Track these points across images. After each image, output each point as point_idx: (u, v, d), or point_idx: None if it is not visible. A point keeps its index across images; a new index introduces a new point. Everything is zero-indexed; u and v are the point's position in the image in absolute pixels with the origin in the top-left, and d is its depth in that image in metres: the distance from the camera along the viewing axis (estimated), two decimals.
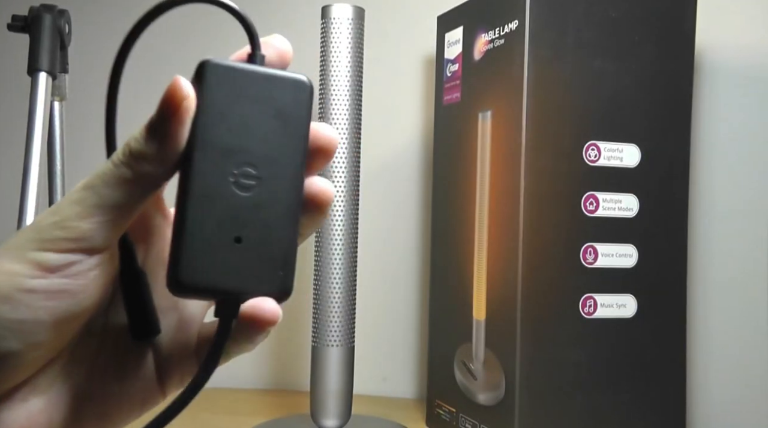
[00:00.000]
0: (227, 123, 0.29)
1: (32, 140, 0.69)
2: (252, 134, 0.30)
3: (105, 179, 0.29)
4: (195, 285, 0.29)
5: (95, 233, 0.29)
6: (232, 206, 0.29)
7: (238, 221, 0.29)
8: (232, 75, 0.30)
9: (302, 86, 0.31)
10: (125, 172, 0.29)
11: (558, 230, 0.68)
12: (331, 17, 0.75)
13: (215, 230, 0.29)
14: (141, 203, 0.30)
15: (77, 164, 1.05)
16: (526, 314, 0.67)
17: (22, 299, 0.28)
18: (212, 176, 0.29)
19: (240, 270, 0.29)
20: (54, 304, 0.29)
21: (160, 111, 0.29)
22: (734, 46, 0.88)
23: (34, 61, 0.70)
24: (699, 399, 0.88)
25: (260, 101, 0.30)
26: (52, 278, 0.28)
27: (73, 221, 0.29)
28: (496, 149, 0.71)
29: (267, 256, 0.30)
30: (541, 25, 0.68)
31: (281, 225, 0.30)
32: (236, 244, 0.29)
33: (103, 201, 0.29)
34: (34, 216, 0.66)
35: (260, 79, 0.30)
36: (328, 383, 0.76)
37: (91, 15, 1.10)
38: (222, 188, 0.29)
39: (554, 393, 0.68)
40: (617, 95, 0.70)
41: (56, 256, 0.28)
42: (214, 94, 0.29)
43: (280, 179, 0.30)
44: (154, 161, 0.29)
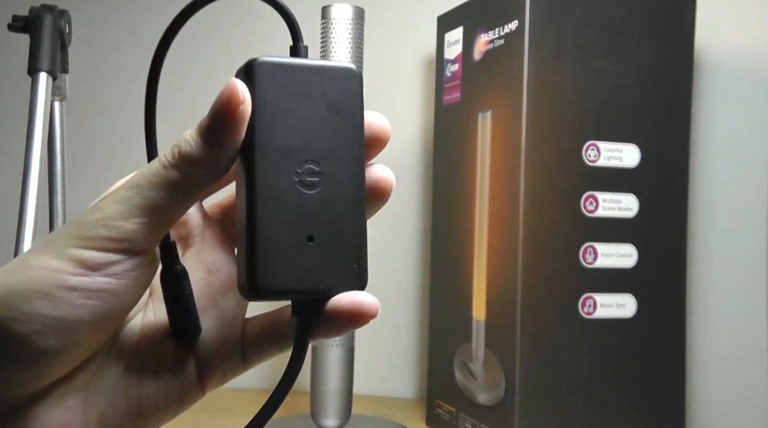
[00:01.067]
0: (283, 121, 0.29)
1: (32, 140, 0.69)
2: (309, 129, 0.29)
3: (152, 180, 0.28)
4: (274, 289, 0.29)
5: (138, 234, 0.28)
6: (300, 205, 0.29)
7: (308, 220, 0.29)
8: (280, 72, 0.29)
9: (352, 75, 0.30)
10: (174, 174, 0.28)
11: (558, 230, 0.68)
12: (331, 17, 0.75)
13: (287, 232, 0.29)
14: (186, 206, 0.30)
15: (77, 164, 1.05)
16: (526, 314, 0.67)
17: (63, 296, 0.28)
18: (276, 177, 0.29)
19: (316, 269, 0.29)
20: (95, 303, 0.28)
21: (214, 115, 0.28)
22: (734, 46, 0.88)
23: (34, 61, 0.70)
24: (699, 399, 0.88)
25: (313, 95, 0.30)
26: (94, 276, 0.28)
27: (116, 221, 0.28)
28: (496, 149, 0.71)
29: (340, 251, 0.30)
30: (541, 25, 0.68)
31: (350, 219, 0.30)
32: (309, 243, 0.29)
33: (148, 202, 0.28)
34: (35, 216, 0.66)
35: (309, 73, 0.30)
36: (328, 383, 0.76)
37: (91, 15, 1.10)
38: (288, 188, 0.29)
39: (554, 393, 0.68)
40: (617, 95, 0.70)
41: (98, 255, 0.28)
42: (267, 92, 0.29)
43: (344, 173, 0.30)
44: (205, 166, 0.28)
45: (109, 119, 1.11)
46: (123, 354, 0.32)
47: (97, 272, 0.28)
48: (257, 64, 0.29)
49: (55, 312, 0.28)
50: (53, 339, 0.28)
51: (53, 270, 0.28)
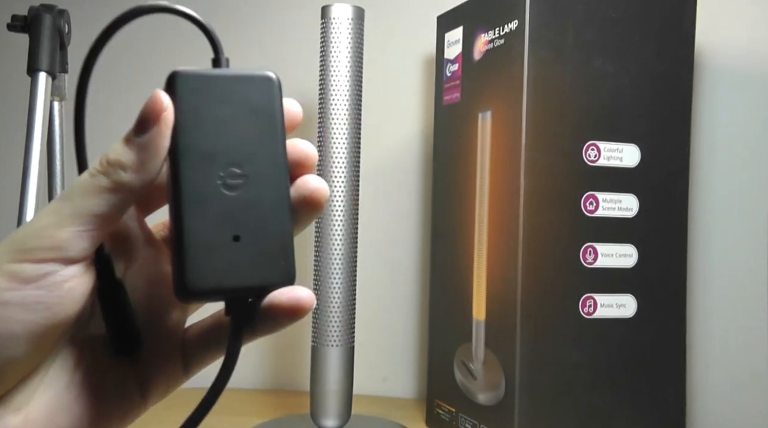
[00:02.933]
0: (205, 128, 0.30)
1: (32, 140, 0.69)
2: (230, 134, 0.31)
3: (81, 188, 0.29)
4: (202, 289, 0.30)
5: (71, 242, 0.29)
6: (224, 206, 0.30)
7: (232, 221, 0.30)
8: (201, 81, 0.31)
9: (270, 81, 0.32)
10: (102, 181, 0.29)
11: (558, 230, 0.68)
12: (331, 17, 0.75)
13: (212, 233, 0.30)
14: (118, 213, 0.30)
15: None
16: (526, 314, 0.67)
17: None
18: (200, 181, 0.30)
19: (243, 267, 0.30)
20: (28, 317, 0.28)
21: (139, 122, 0.30)
22: (734, 46, 0.88)
23: (33, 61, 0.70)
24: (699, 399, 0.88)
25: (232, 102, 0.31)
26: (26, 289, 0.28)
27: (48, 230, 0.28)
28: (496, 149, 0.71)
29: (266, 249, 0.31)
30: (541, 25, 0.68)
31: (275, 217, 0.31)
32: (235, 243, 0.30)
33: (79, 210, 0.29)
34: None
35: (229, 81, 0.31)
36: (328, 383, 0.76)
37: (91, 15, 1.10)
38: (211, 191, 0.30)
39: (554, 393, 0.68)
40: (617, 95, 0.70)
41: (31, 267, 0.28)
42: (188, 101, 0.30)
43: (266, 174, 0.31)
44: (132, 171, 0.29)
45: (109, 119, 1.10)
46: (64, 370, 0.32)
47: (30, 285, 0.28)
48: (177, 76, 0.31)
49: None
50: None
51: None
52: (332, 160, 0.75)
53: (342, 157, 0.75)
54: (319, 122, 0.77)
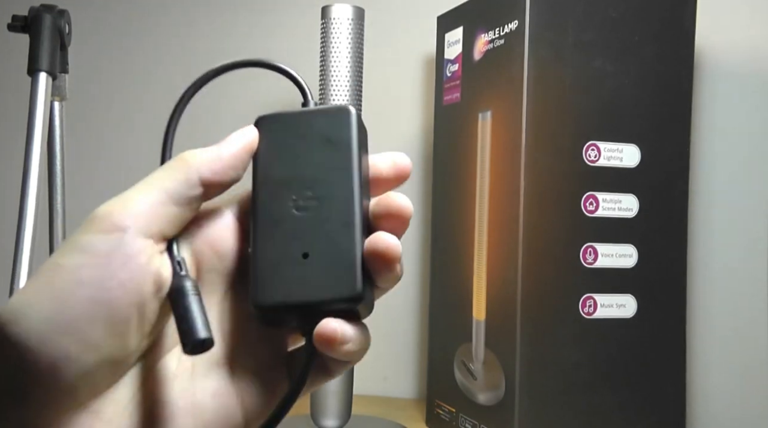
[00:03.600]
0: (282, 159, 0.33)
1: (32, 140, 0.68)
2: (304, 162, 0.33)
3: (155, 172, 0.32)
4: (270, 305, 0.31)
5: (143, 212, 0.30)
6: (295, 227, 0.32)
7: (302, 240, 0.32)
8: (280, 121, 0.34)
9: (345, 111, 0.34)
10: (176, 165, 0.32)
11: (558, 230, 0.68)
12: (331, 17, 0.75)
13: (282, 251, 0.32)
14: (187, 196, 0.31)
15: (77, 164, 1.05)
16: (526, 314, 0.67)
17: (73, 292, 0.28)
18: (274, 204, 0.33)
19: (310, 282, 0.32)
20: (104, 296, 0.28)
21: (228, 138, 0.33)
22: (734, 46, 0.88)
23: (34, 61, 0.70)
24: (699, 399, 0.88)
25: (308, 135, 0.34)
26: (100, 265, 0.29)
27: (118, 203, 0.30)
28: (496, 149, 0.71)
29: (334, 266, 0.32)
30: (541, 25, 0.68)
31: (343, 236, 0.32)
32: (304, 260, 0.32)
33: (148, 187, 0.31)
34: (35, 216, 0.66)
35: (308, 117, 0.34)
36: (328, 383, 0.76)
37: (91, 15, 1.10)
38: (284, 213, 0.33)
39: (554, 393, 0.68)
40: (617, 95, 0.70)
41: (103, 238, 0.29)
42: (268, 138, 0.34)
43: (337, 196, 0.33)
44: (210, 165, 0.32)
45: (109, 119, 1.11)
46: (157, 388, 0.31)
47: (104, 258, 0.28)
48: (259, 119, 0.34)
49: (66, 313, 0.28)
50: (68, 344, 0.27)
51: (62, 266, 0.28)
52: None
53: None
54: None
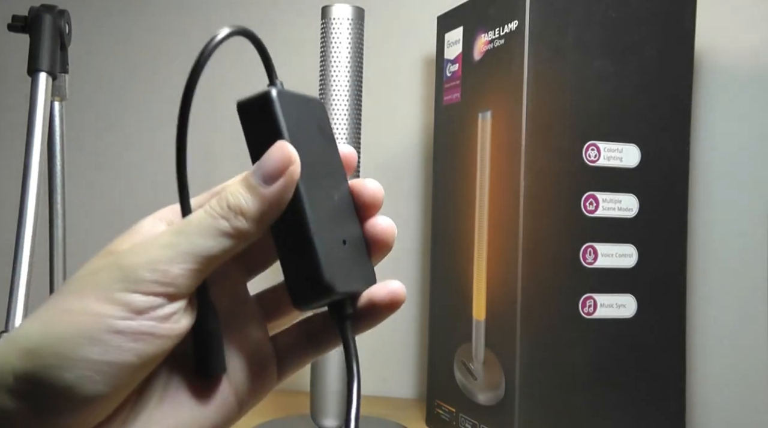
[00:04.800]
0: (303, 143, 0.31)
1: (32, 140, 0.68)
2: (317, 149, 0.33)
3: (200, 228, 0.30)
4: (336, 289, 0.31)
5: (181, 279, 0.29)
6: (332, 214, 0.32)
7: (339, 226, 0.32)
8: (289, 102, 0.32)
9: (322, 105, 0.35)
10: (223, 225, 0.30)
11: (558, 230, 0.68)
12: (331, 17, 0.75)
13: (331, 237, 0.32)
14: (228, 257, 0.30)
15: (77, 164, 1.05)
16: (526, 314, 0.67)
17: (112, 341, 0.28)
18: (313, 190, 0.31)
19: (354, 270, 0.32)
20: (140, 346, 0.29)
21: (267, 172, 0.30)
22: (734, 46, 0.88)
23: (34, 62, 0.70)
24: (699, 399, 0.88)
25: (310, 120, 0.33)
26: (139, 320, 0.29)
27: (162, 264, 0.29)
28: (496, 149, 0.71)
29: (361, 253, 0.33)
30: (541, 25, 0.68)
31: (355, 224, 0.33)
32: (344, 246, 0.32)
33: (195, 249, 0.29)
34: (35, 216, 0.66)
35: (304, 102, 0.33)
36: (328, 383, 0.76)
37: (92, 15, 1.10)
38: (322, 199, 0.32)
39: (554, 393, 0.68)
40: (617, 95, 0.70)
41: (144, 298, 0.29)
42: (288, 120, 0.31)
43: (340, 184, 0.33)
44: (253, 221, 0.30)
45: (108, 119, 1.11)
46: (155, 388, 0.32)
47: (142, 315, 0.29)
48: (275, 93, 0.31)
49: (105, 357, 0.28)
50: (102, 384, 0.29)
51: (102, 315, 0.29)
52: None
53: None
54: None
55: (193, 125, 0.31)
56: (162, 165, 1.08)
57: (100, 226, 1.09)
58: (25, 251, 0.65)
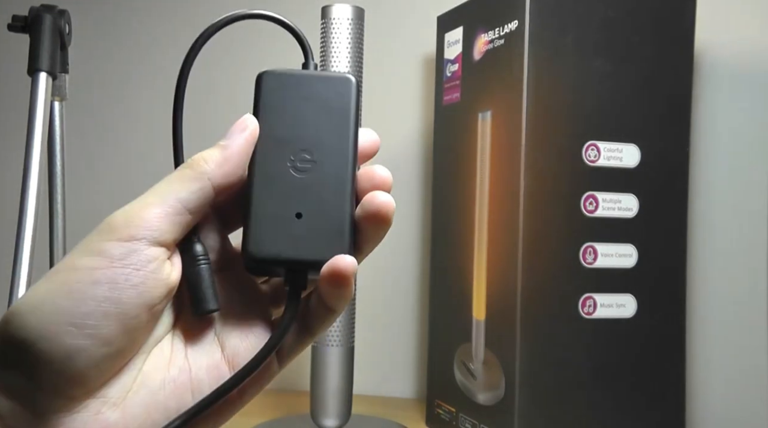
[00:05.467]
0: (283, 118, 0.34)
1: (32, 140, 0.68)
2: (305, 125, 0.34)
3: (169, 177, 0.33)
4: (264, 257, 0.33)
5: (154, 222, 0.31)
6: (291, 186, 0.34)
7: (297, 199, 0.34)
8: (283, 80, 0.35)
9: (347, 81, 0.35)
10: (187, 171, 0.33)
11: (558, 230, 0.68)
12: (331, 17, 0.75)
13: (277, 208, 0.33)
14: (197, 202, 0.33)
15: (77, 164, 1.05)
16: (526, 314, 0.67)
17: (87, 291, 0.29)
18: (272, 163, 0.34)
19: (302, 241, 0.33)
20: (116, 295, 0.30)
21: (229, 133, 0.34)
22: (734, 46, 0.88)
23: (34, 61, 0.70)
24: (699, 399, 0.88)
25: (311, 98, 0.35)
26: (113, 268, 0.30)
27: (134, 211, 0.31)
28: (496, 149, 0.71)
29: (324, 228, 0.34)
30: (541, 25, 0.68)
31: (336, 200, 0.34)
32: (297, 219, 0.34)
33: (163, 194, 0.32)
34: (35, 216, 0.66)
35: (310, 80, 0.35)
36: (328, 383, 0.76)
37: (91, 15, 1.10)
38: (281, 172, 0.34)
39: (554, 393, 0.68)
40: (617, 95, 0.70)
41: (118, 245, 0.30)
42: (269, 95, 0.35)
43: (333, 161, 0.34)
44: (214, 164, 0.33)
45: (108, 119, 1.11)
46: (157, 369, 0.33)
47: (116, 263, 0.30)
48: (264, 74, 0.35)
49: (81, 308, 0.29)
50: (82, 338, 0.29)
51: (80, 268, 0.30)
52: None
53: None
54: None
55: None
56: (162, 165, 1.08)
57: None
58: (25, 251, 0.65)
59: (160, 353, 0.33)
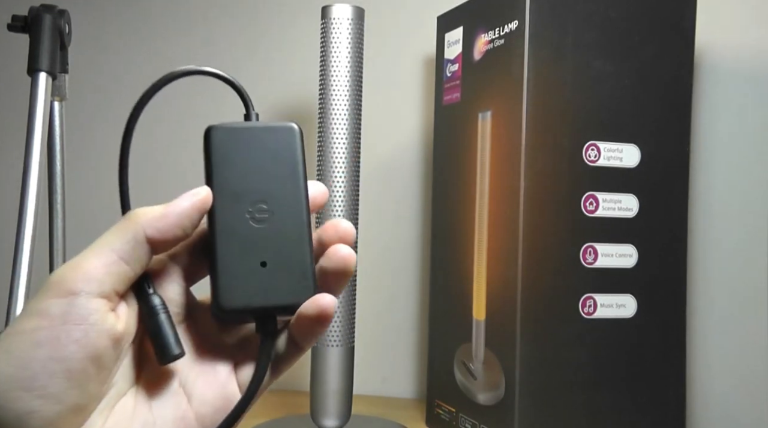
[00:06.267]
0: (235, 171, 0.35)
1: (32, 140, 0.68)
2: (257, 176, 0.35)
3: (109, 231, 0.33)
4: (234, 308, 0.34)
5: (92, 274, 0.31)
6: (252, 237, 0.35)
7: (260, 249, 0.35)
8: (232, 133, 0.36)
9: (291, 131, 0.37)
10: (125, 224, 0.33)
11: (558, 230, 0.68)
12: (331, 17, 0.75)
13: (242, 259, 0.34)
14: (136, 254, 0.33)
15: (77, 164, 1.05)
16: (526, 314, 0.67)
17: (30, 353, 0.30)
18: (231, 216, 0.35)
19: (270, 288, 0.35)
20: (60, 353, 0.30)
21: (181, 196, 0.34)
22: (734, 46, 0.88)
23: (34, 61, 0.70)
24: (699, 399, 0.88)
25: (259, 149, 0.36)
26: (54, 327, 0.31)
27: (73, 264, 0.31)
28: (496, 149, 0.71)
29: (289, 273, 0.35)
30: (541, 25, 0.68)
31: (296, 246, 0.35)
32: (262, 268, 0.35)
33: (101, 247, 0.32)
34: (35, 216, 0.66)
35: (255, 132, 0.36)
36: (328, 383, 0.76)
37: (91, 15, 1.10)
38: (241, 224, 0.35)
39: (554, 393, 0.68)
40: (617, 95, 0.70)
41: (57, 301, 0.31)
42: (220, 150, 0.36)
43: (288, 209, 0.36)
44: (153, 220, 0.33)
45: (108, 119, 1.11)
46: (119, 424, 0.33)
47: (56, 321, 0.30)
48: (212, 129, 0.36)
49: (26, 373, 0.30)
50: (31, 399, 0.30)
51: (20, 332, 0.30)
52: (332, 160, 0.75)
53: (342, 157, 0.75)
54: (319, 122, 0.77)
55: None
56: (161, 165, 1.08)
57: (100, 226, 1.09)
58: (25, 251, 0.65)
59: (123, 409, 0.33)
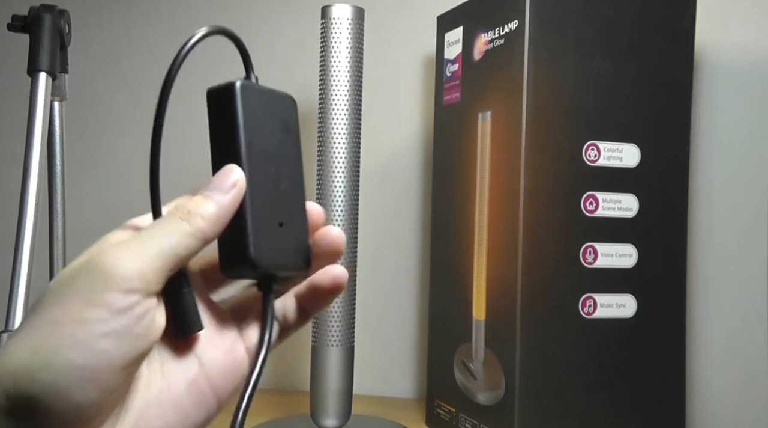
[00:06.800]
0: (259, 132, 0.36)
1: (32, 140, 0.68)
2: (273, 141, 0.37)
3: (166, 230, 0.33)
4: (263, 265, 0.35)
5: (153, 275, 0.32)
6: (273, 197, 0.36)
7: (279, 210, 0.36)
8: (252, 94, 0.36)
9: (293, 101, 0.38)
10: (185, 226, 0.33)
11: (558, 230, 0.68)
12: (331, 17, 0.75)
13: (268, 218, 0.35)
14: (190, 256, 0.34)
15: (77, 164, 1.05)
16: (526, 314, 0.67)
17: (99, 344, 0.30)
18: (258, 174, 0.35)
19: (286, 251, 0.36)
20: (122, 348, 0.30)
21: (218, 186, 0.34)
22: (734, 46, 0.88)
23: (34, 61, 0.70)
24: (699, 399, 0.88)
25: (274, 114, 0.37)
26: (121, 320, 0.30)
27: (138, 263, 0.31)
28: (496, 149, 0.71)
29: (297, 237, 0.37)
30: (541, 25, 0.68)
31: (299, 213, 0.37)
32: (280, 228, 0.36)
33: (164, 250, 0.32)
34: (34, 216, 0.66)
35: (269, 97, 0.37)
36: (328, 383, 0.76)
37: (91, 15, 1.10)
38: (266, 184, 0.36)
39: (554, 393, 0.68)
40: (617, 95, 0.70)
41: (124, 297, 0.30)
42: (249, 109, 0.35)
43: (294, 176, 0.37)
44: (210, 222, 0.34)
45: (108, 119, 1.11)
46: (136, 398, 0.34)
47: (124, 315, 0.30)
48: (239, 86, 0.35)
49: (94, 362, 0.30)
50: (93, 391, 0.30)
51: (87, 320, 0.30)
52: (332, 160, 0.75)
53: (342, 157, 0.75)
54: (319, 122, 0.77)
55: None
56: (161, 165, 1.08)
57: (99, 226, 1.09)
58: (25, 251, 0.65)
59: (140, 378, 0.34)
